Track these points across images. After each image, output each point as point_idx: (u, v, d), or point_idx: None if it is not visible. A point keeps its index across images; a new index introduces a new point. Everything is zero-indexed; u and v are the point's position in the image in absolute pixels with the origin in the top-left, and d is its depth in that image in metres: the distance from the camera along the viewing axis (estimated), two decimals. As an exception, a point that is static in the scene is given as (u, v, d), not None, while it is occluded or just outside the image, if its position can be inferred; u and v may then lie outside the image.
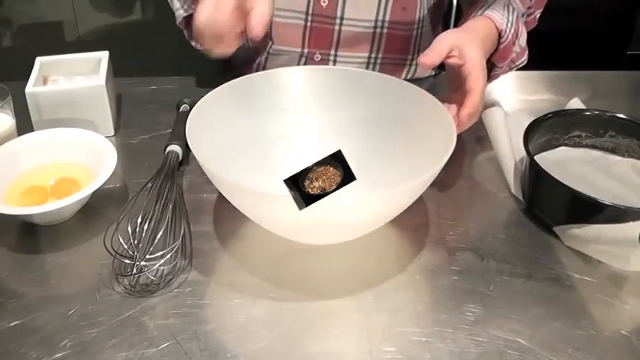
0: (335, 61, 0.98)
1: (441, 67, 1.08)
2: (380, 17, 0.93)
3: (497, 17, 0.84)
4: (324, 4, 0.92)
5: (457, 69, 0.76)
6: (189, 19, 0.89)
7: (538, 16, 0.96)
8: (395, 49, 0.98)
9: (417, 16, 0.96)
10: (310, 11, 0.92)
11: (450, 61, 0.75)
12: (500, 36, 0.84)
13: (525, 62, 0.92)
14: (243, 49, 1.06)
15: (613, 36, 1.76)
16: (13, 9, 1.64)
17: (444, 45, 0.75)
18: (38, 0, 1.63)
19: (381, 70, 1.00)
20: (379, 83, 0.78)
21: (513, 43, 0.87)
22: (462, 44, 0.75)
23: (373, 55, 0.97)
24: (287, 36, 0.95)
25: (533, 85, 1.05)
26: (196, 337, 0.60)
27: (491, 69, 0.90)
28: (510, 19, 0.86)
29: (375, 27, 0.94)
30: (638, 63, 1.78)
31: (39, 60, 0.89)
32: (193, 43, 0.91)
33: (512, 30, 0.85)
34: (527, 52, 0.92)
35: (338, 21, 0.93)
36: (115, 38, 1.68)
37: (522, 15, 0.91)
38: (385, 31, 0.95)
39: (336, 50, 0.96)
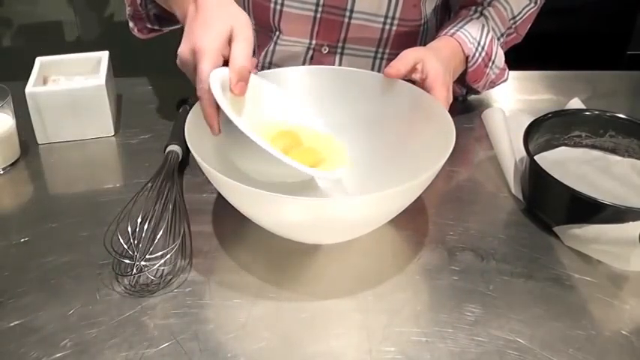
0: (342, 54, 0.97)
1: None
2: (390, 13, 0.93)
3: (466, 42, 0.88)
4: None
5: (421, 84, 0.79)
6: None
7: (523, 34, 0.97)
8: (402, 46, 0.98)
9: (426, 14, 0.96)
10: (321, 2, 0.92)
11: (414, 76, 0.79)
12: (467, 60, 0.88)
13: (507, 80, 0.95)
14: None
15: (613, 36, 1.75)
16: (13, 9, 1.64)
17: (409, 58, 0.79)
18: (38, 0, 1.63)
19: (387, 65, 1.00)
20: (379, 83, 0.78)
21: (486, 66, 0.90)
22: (424, 58, 0.79)
23: (380, 50, 0.97)
24: (296, 27, 0.95)
25: (533, 85, 1.05)
26: (196, 337, 0.60)
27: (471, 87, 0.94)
28: (482, 42, 0.89)
29: (385, 22, 0.94)
30: (638, 63, 1.77)
31: (39, 60, 0.89)
32: (131, 25, 0.92)
33: (484, 54, 0.88)
34: (507, 71, 0.95)
35: (347, 13, 0.93)
36: (115, 38, 1.68)
37: (500, 36, 0.94)
38: (394, 27, 0.95)
39: (344, 43, 0.96)
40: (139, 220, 0.68)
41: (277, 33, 0.96)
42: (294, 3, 0.93)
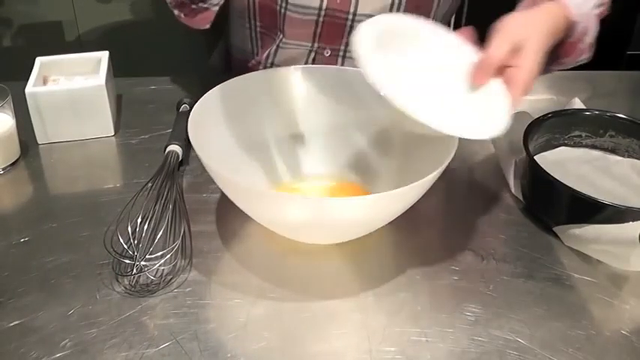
0: (344, 57, 0.97)
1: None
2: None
3: (572, 7, 0.73)
4: (338, 0, 0.91)
5: (503, 69, 0.66)
6: None
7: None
8: None
9: (430, 15, 0.95)
10: (324, 6, 0.92)
11: (508, 61, 0.66)
12: (570, 29, 0.74)
13: (588, 60, 0.79)
14: (246, 44, 1.05)
15: (613, 36, 1.76)
16: (13, 9, 1.64)
17: (502, 49, 0.65)
18: (38, 0, 1.63)
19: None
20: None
21: (579, 40, 0.76)
22: (526, 43, 0.65)
23: None
24: (298, 31, 0.95)
25: (533, 85, 1.05)
26: (196, 337, 0.60)
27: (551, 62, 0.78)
28: (584, 8, 0.74)
29: None
30: (638, 63, 1.77)
31: (39, 60, 0.89)
32: (176, 12, 0.86)
33: (583, 25, 0.74)
34: (593, 48, 0.79)
35: (350, 16, 0.92)
36: (115, 38, 1.68)
37: (597, 6, 0.78)
38: None
39: (347, 46, 0.96)
40: (139, 220, 0.68)
41: (280, 36, 0.96)
42: (296, 8, 0.93)
